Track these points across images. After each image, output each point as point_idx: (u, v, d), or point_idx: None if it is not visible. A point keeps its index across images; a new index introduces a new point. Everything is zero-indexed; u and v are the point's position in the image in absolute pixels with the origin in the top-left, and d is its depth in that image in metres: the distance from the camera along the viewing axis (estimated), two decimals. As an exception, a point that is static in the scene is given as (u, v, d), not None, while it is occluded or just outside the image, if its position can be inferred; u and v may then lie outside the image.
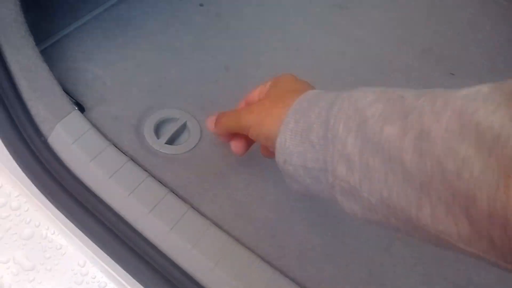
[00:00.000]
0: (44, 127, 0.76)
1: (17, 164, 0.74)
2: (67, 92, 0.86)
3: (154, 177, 0.78)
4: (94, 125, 0.80)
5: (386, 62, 1.11)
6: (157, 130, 0.87)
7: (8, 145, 0.74)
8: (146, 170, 0.78)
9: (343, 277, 0.75)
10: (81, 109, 0.84)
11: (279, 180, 0.83)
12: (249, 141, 0.72)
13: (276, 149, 0.54)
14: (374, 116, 0.40)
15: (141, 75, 0.92)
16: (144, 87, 0.91)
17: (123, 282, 0.74)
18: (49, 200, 0.73)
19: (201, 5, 1.09)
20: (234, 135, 0.72)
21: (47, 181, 0.74)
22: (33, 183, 0.74)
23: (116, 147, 0.79)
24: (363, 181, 0.41)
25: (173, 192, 0.77)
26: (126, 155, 0.78)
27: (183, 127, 0.88)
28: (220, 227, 0.76)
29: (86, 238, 0.73)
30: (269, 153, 0.70)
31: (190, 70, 0.96)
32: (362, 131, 0.40)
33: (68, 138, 0.75)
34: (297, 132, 0.50)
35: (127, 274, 0.71)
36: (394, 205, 0.38)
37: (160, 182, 0.77)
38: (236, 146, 0.72)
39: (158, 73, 0.94)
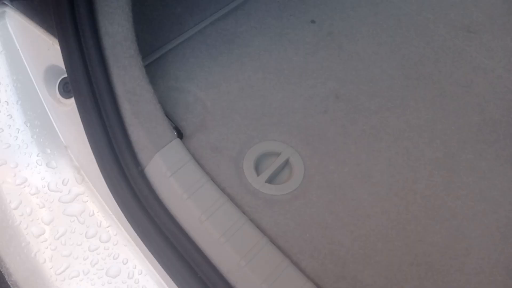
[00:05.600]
0: (142, 156, 0.73)
1: (111, 194, 0.72)
2: (167, 114, 0.83)
3: (252, 221, 0.73)
4: (193, 156, 0.76)
5: (522, 99, 0.98)
6: (257, 164, 0.82)
7: (104, 171, 0.73)
8: (244, 213, 0.73)
9: None
10: (180, 135, 0.81)
11: (389, 239, 0.76)
12: None
13: None
14: None
15: (244, 100, 0.88)
16: (246, 114, 0.86)
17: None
18: (140, 237, 0.71)
19: (312, 21, 1.03)
20: None
21: (140, 216, 0.71)
22: (125, 216, 0.72)
23: (214, 181, 0.75)
24: None
25: (272, 241, 0.72)
26: (225, 193, 0.74)
27: (285, 163, 0.82)
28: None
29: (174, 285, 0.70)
30: None
31: (296, 97, 0.90)
32: None
33: (166, 170, 0.72)
34: None
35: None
36: None
37: (258, 228, 0.72)
38: None
39: (262, 99, 0.89)
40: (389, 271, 0.73)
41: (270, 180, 0.80)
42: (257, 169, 0.81)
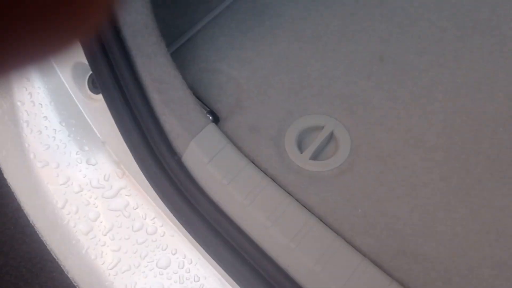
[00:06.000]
0: (178, 144, 0.71)
1: (151, 186, 0.71)
2: (200, 99, 0.81)
3: (298, 201, 0.69)
4: (230, 139, 0.73)
5: None
6: (300, 140, 0.78)
7: (140, 164, 0.72)
8: (289, 193, 0.70)
9: None
10: (216, 119, 0.79)
11: (451, 207, 0.70)
12: None
13: None
14: None
15: (280, 74, 0.84)
16: (283, 88, 0.82)
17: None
18: (184, 227, 0.70)
19: (348, -20, 0.96)
20: None
21: (181, 206, 0.70)
22: (167, 207, 0.71)
23: (255, 163, 0.72)
24: None
25: (321, 220, 0.68)
26: (267, 175, 0.71)
27: (330, 137, 0.77)
28: (379, 265, 0.65)
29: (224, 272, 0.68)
30: None
31: (336, 65, 0.84)
32: None
33: (204, 156, 0.70)
34: None
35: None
36: None
37: (305, 207, 0.69)
38: None
39: (299, 70, 0.84)
40: (454, 242, 0.68)
41: (315, 157, 0.76)
42: (300, 146, 0.77)
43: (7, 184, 0.83)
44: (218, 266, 0.68)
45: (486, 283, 0.63)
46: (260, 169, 0.72)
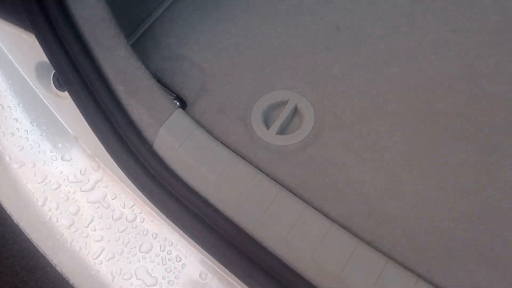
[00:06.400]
0: (148, 133, 0.74)
1: (126, 175, 0.74)
2: (166, 86, 0.83)
3: (268, 175, 0.73)
4: (199, 123, 0.76)
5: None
6: (266, 117, 0.81)
7: (113, 155, 0.74)
8: (259, 169, 0.73)
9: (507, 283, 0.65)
10: (183, 104, 0.81)
11: (413, 167, 0.74)
12: None
13: None
14: None
15: (241, 53, 0.86)
16: (247, 68, 0.85)
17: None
18: (162, 212, 0.73)
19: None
20: None
21: (157, 192, 0.73)
22: (143, 194, 0.74)
23: (224, 144, 0.75)
24: None
25: (291, 192, 0.72)
26: (237, 153, 0.74)
27: (294, 110, 0.81)
28: (348, 229, 0.69)
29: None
30: None
31: (296, 39, 0.87)
32: None
33: (174, 142, 0.73)
34: None
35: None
36: None
37: (275, 181, 0.72)
38: None
39: (261, 48, 0.86)
40: (418, 200, 0.72)
41: (282, 131, 0.79)
42: (266, 123, 0.80)
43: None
44: (198, 246, 0.72)
45: (447, 235, 0.68)
46: (230, 149, 0.75)
